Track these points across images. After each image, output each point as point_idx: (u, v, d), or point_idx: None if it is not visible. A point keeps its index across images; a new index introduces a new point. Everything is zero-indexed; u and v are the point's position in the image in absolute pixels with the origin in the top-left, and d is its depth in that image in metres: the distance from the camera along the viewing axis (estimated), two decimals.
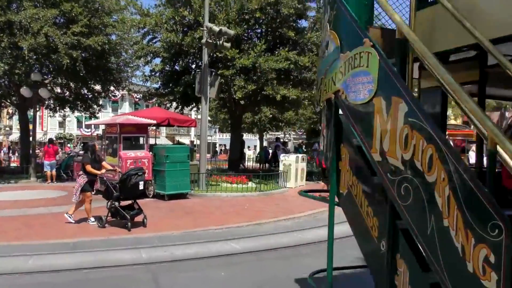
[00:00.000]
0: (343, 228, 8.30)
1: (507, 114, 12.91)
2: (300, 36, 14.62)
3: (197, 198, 11.48)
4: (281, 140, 24.04)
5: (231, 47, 13.03)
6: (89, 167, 7.69)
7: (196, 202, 10.77)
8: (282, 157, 15.05)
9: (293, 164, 14.63)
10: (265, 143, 40.22)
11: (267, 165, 20.45)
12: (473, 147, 11.07)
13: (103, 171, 7.97)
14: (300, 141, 48.00)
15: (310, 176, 16.56)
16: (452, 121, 20.04)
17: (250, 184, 13.51)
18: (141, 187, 7.46)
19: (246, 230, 8.01)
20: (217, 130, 58.86)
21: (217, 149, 42.53)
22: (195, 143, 40.38)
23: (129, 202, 7.75)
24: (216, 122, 37.44)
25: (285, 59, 13.61)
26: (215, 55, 14.16)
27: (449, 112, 48.43)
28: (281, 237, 7.59)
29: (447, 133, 14.89)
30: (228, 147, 40.13)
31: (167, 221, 8.38)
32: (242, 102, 14.73)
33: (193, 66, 16.14)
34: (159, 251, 6.38)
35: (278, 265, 5.94)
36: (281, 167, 14.76)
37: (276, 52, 14.60)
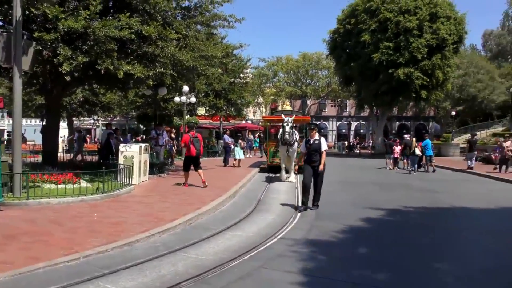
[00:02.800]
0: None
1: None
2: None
3: (15, 209, 8.10)
4: (113, 126, 20.58)
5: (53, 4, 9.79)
6: None
7: (17, 216, 7.49)
8: (122, 147, 12.33)
9: (136, 156, 12.14)
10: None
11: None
12: None
13: None
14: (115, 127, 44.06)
15: (150, 169, 14.22)
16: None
17: (82, 183, 10.53)
18: None
19: (115, 256, 5.57)
20: (5, 114, 49.95)
21: (5, 137, 35.07)
22: None
23: None
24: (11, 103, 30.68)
25: (128, 27, 10.96)
26: (27, 12, 10.51)
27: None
28: (172, 262, 5.44)
29: (293, 118, 14.31)
30: (27, 135, 33.76)
31: None
32: (68, 78, 11.35)
33: None
34: None
35: None
36: (120, 160, 12.09)
37: (111, 17, 11.74)
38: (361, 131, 57.02)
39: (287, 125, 13.78)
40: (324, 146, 9.34)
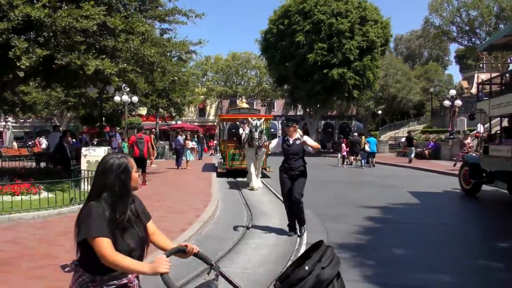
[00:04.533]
0: None
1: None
2: None
3: None
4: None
5: None
6: None
7: None
8: (85, 151, 11.05)
9: None
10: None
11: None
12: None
13: None
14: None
15: None
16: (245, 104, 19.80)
17: (44, 193, 9.22)
18: None
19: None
20: None
21: None
22: None
23: None
24: None
25: (96, 17, 9.83)
26: None
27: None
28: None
29: (262, 120, 13.66)
30: None
31: None
32: (21, 74, 9.83)
33: None
34: None
35: None
36: (83, 165, 10.83)
37: (67, 7, 10.50)
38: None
39: (257, 126, 12.44)
40: (312, 143, 6.96)
